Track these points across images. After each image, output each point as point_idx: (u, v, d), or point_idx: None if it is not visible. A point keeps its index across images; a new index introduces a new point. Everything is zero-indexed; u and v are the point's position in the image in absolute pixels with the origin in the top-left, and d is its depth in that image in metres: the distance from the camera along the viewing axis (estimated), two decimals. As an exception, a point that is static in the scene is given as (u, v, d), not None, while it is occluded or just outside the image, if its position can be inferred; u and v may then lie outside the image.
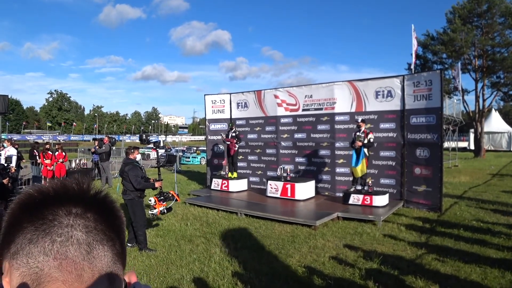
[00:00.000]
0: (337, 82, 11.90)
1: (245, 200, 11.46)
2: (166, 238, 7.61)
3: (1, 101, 13.19)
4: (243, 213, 9.59)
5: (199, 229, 8.36)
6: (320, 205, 10.39)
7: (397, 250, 6.60)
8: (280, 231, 8.04)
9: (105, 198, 0.65)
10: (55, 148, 15.37)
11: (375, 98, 11.05)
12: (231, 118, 14.46)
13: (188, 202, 11.15)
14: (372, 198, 9.61)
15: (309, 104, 12.47)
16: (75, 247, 0.57)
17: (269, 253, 6.56)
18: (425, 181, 10.02)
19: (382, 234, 7.62)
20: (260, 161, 13.90)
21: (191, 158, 29.60)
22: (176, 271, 5.78)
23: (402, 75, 10.84)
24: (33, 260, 0.55)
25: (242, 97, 14.38)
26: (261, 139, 13.84)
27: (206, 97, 15.07)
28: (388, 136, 10.84)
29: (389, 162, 10.79)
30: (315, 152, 12.35)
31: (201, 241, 7.35)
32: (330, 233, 7.84)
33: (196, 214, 9.84)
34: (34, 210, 0.59)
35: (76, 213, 0.59)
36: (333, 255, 6.37)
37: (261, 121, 13.84)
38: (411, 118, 10.37)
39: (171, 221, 9.02)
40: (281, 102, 13.14)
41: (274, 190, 11.33)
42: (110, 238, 0.61)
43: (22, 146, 24.02)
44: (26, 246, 0.56)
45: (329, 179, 11.97)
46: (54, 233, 0.57)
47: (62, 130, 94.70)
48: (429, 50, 30.43)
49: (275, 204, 10.50)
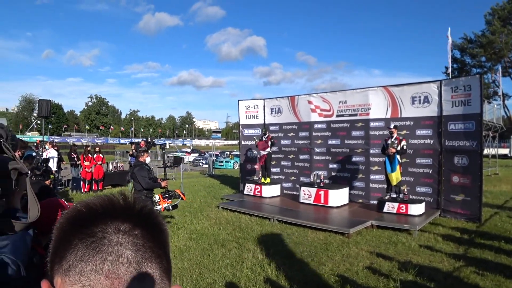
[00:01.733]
0: (372, 88, 11.75)
1: (277, 205, 11.46)
2: (199, 242, 7.71)
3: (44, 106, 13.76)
4: (276, 219, 9.59)
5: (231, 233, 8.42)
6: (354, 212, 10.26)
7: (433, 261, 6.43)
8: (312, 238, 8.00)
9: (150, 213, 0.66)
10: (95, 151, 15.85)
11: (411, 104, 10.83)
12: (265, 124, 14.51)
13: (221, 206, 11.26)
14: (408, 206, 9.40)
15: (343, 110, 12.36)
16: (125, 266, 0.58)
17: (301, 260, 6.54)
18: (464, 190, 9.70)
19: (417, 244, 7.43)
20: (293, 166, 13.88)
21: (224, 163, 29.89)
22: (209, 275, 5.85)
23: (439, 80, 10.56)
24: (85, 278, 0.57)
25: (276, 103, 14.41)
26: (294, 145, 13.82)
27: (240, 102, 15.20)
28: (424, 143, 10.59)
29: (426, 169, 10.53)
30: (349, 158, 12.22)
31: (233, 246, 7.40)
32: (364, 241, 7.73)
33: (229, 218, 9.92)
34: (83, 227, 0.60)
35: (124, 230, 0.60)
36: (367, 264, 6.28)
37: (294, 127, 13.83)
38: (449, 124, 10.09)
39: (204, 225, 9.14)
40: (315, 108, 13.09)
41: (307, 196, 11.28)
42: (158, 255, 0.62)
43: (62, 148, 24.93)
44: (78, 264, 0.57)
45: (363, 186, 11.81)
46: (105, 252, 0.58)
47: (100, 133, 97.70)
48: (467, 54, 29.55)
49: (308, 211, 10.46)
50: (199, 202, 12.34)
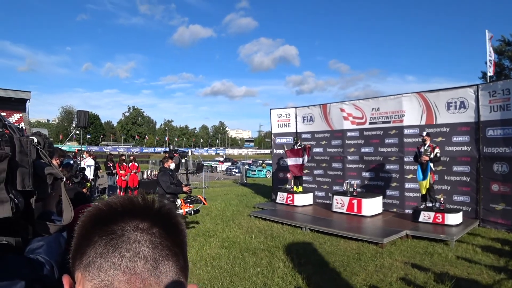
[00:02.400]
0: (406, 94, 11.52)
1: (310, 214, 11.37)
2: (230, 250, 7.74)
3: (82, 116, 14.32)
4: (308, 228, 9.51)
5: (263, 242, 8.41)
6: (388, 222, 10.03)
7: (471, 273, 6.19)
8: (345, 248, 7.88)
9: (169, 213, 0.68)
10: (130, 160, 16.27)
11: (446, 110, 10.54)
12: (297, 132, 14.48)
13: (253, 215, 11.28)
14: (444, 216, 9.10)
15: (376, 117, 12.18)
16: (143, 263, 0.60)
17: (333, 270, 6.45)
18: (504, 198, 9.32)
19: (455, 255, 7.18)
20: (325, 175, 13.76)
21: (256, 171, 29.94)
22: (240, 283, 5.86)
23: (476, 85, 10.24)
24: (104, 274, 0.59)
25: (308, 111, 14.36)
26: (327, 153, 13.71)
27: (272, 111, 15.24)
28: (461, 150, 10.26)
29: (463, 177, 10.18)
30: (382, 166, 12.00)
31: (265, 255, 7.39)
32: (398, 252, 7.54)
33: (261, 227, 9.92)
34: (103, 225, 0.62)
35: (142, 228, 0.62)
36: (401, 275, 6.12)
37: (327, 135, 13.73)
38: (487, 130, 9.74)
39: (236, 233, 9.18)
40: (347, 116, 12.96)
41: (340, 205, 11.14)
42: (175, 253, 0.64)
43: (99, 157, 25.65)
44: (98, 260, 0.60)
45: (398, 195, 11.55)
46: (123, 249, 0.60)
47: (136, 143, 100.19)
48: (505, 57, 28.47)
49: (340, 220, 10.33)
50: (232, 211, 12.41)
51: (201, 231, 9.40)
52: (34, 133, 1.54)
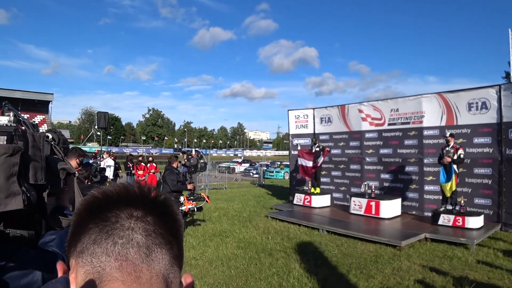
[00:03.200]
0: (425, 95, 11.34)
1: (327, 216, 11.29)
2: (247, 250, 7.75)
3: (102, 117, 14.52)
4: (325, 230, 9.46)
5: (279, 243, 8.39)
6: (406, 224, 9.88)
7: (492, 278, 6.05)
8: (362, 250, 7.80)
9: (164, 202, 0.68)
10: (148, 160, 16.45)
11: (467, 111, 10.33)
12: (315, 133, 14.41)
13: (270, 216, 11.27)
14: (465, 219, 8.92)
15: (395, 118, 12.02)
16: (135, 249, 0.60)
17: (349, 272, 6.38)
18: (528, 202, 9.09)
19: (475, 260, 7.03)
20: (343, 177, 13.65)
21: (274, 173, 29.91)
22: (255, 283, 5.86)
23: (498, 85, 10.00)
24: (96, 260, 0.59)
25: (326, 112, 14.28)
26: (345, 155, 13.60)
27: (290, 112, 15.22)
28: (483, 152, 10.04)
29: (485, 180, 9.96)
30: (401, 168, 11.83)
31: (281, 256, 7.37)
32: (417, 255, 7.42)
33: (278, 228, 9.90)
34: (98, 212, 0.63)
35: (137, 216, 0.63)
36: (419, 279, 6.02)
37: (345, 136, 13.62)
38: (510, 132, 9.51)
39: (253, 234, 9.18)
40: (366, 117, 12.84)
41: (357, 207, 11.03)
42: (168, 242, 0.64)
43: (120, 158, 25.98)
44: (91, 246, 0.61)
45: (417, 197, 11.37)
46: (116, 235, 0.60)
47: (155, 144, 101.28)
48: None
49: (358, 222, 10.23)
50: (249, 212, 12.43)
51: (218, 232, 9.43)
52: (48, 129, 1.57)
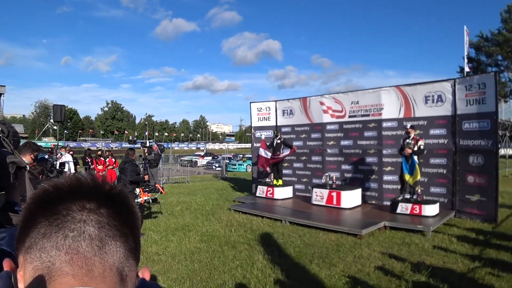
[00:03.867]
0: (384, 88, 11.62)
1: (289, 207, 11.40)
2: (210, 244, 7.69)
3: (58, 111, 13.98)
4: (288, 221, 9.53)
5: (243, 235, 8.38)
6: (367, 213, 10.13)
7: (447, 262, 6.30)
8: (324, 240, 7.92)
9: (119, 194, 0.65)
10: (107, 155, 16.02)
11: (424, 103, 10.67)
12: (277, 126, 14.47)
13: (233, 208, 11.24)
14: (422, 207, 9.25)
15: (356, 111, 12.25)
16: (87, 242, 0.57)
17: (312, 262, 6.46)
18: (479, 190, 9.52)
19: (431, 245, 7.29)
20: (305, 168, 13.80)
21: (237, 166, 29.92)
22: (219, 276, 5.82)
23: (453, 79, 10.39)
24: (45, 255, 0.57)
25: (288, 104, 14.36)
26: (306, 146, 13.74)
27: (252, 104, 15.19)
28: (438, 143, 10.42)
29: (440, 169, 10.36)
30: (361, 159, 12.10)
31: (244, 248, 7.36)
32: (376, 242, 7.62)
33: (241, 220, 9.89)
34: (48, 205, 0.60)
35: (89, 208, 0.60)
36: (378, 265, 6.17)
37: (306, 128, 13.75)
38: (463, 123, 9.91)
39: (216, 227, 9.13)
40: (327, 109, 13.01)
41: (319, 198, 11.19)
42: (123, 234, 0.62)
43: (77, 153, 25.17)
44: (40, 241, 0.58)
45: (376, 187, 11.68)
46: (67, 228, 0.58)
47: (115, 138, 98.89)
48: (483, 52, 29.09)
49: (320, 212, 10.37)
50: (211, 205, 12.34)
51: (180, 226, 9.31)
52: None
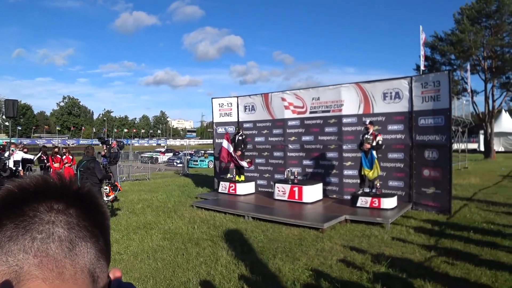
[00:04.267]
0: (344, 84, 11.83)
1: (252, 203, 11.43)
2: (173, 241, 7.59)
3: (10, 106, 13.33)
4: (251, 216, 9.55)
5: (206, 232, 8.33)
6: (328, 208, 10.31)
7: (405, 252, 6.53)
8: (287, 234, 7.99)
9: (88, 194, 0.64)
10: (63, 152, 15.46)
11: (382, 100, 10.97)
12: (238, 122, 14.45)
13: (195, 205, 11.13)
14: (380, 200, 9.53)
15: (317, 107, 12.42)
16: (57, 244, 0.55)
17: (276, 256, 6.51)
18: (434, 183, 9.91)
19: (390, 237, 7.53)
20: (267, 164, 13.87)
21: (199, 162, 29.70)
22: (183, 274, 5.76)
23: (410, 76, 10.73)
24: (12, 258, 0.54)
25: (250, 100, 14.36)
26: (268, 142, 13.81)
27: (214, 100, 15.09)
28: (396, 138, 10.74)
29: (398, 164, 10.69)
30: (322, 154, 12.29)
31: (208, 244, 7.32)
32: (338, 236, 7.77)
33: (203, 217, 9.82)
34: (14, 207, 0.57)
35: (57, 209, 0.58)
36: (340, 258, 6.31)
37: (268, 124, 13.81)
38: (419, 119, 10.27)
39: (178, 224, 9.02)
40: (288, 105, 13.11)
41: (281, 193, 11.29)
42: (94, 235, 0.60)
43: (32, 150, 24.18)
44: (6, 244, 0.55)
45: (337, 182, 11.90)
46: (35, 230, 0.55)
47: (72, 134, 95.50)
48: (437, 51, 30.27)
49: (282, 207, 10.46)
50: (173, 202, 12.18)
51: (142, 224, 9.13)
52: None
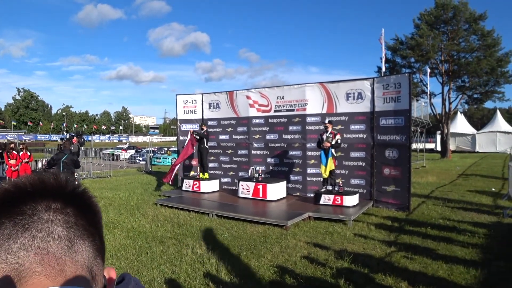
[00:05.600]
0: (309, 84, 11.98)
1: (216, 201, 11.40)
2: (136, 240, 7.46)
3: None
4: (215, 214, 9.52)
5: (170, 230, 8.24)
6: (292, 205, 10.43)
7: (367, 248, 6.70)
8: (252, 232, 8.03)
9: (83, 193, 0.65)
10: (20, 148, 14.85)
11: (346, 100, 11.18)
12: (203, 119, 14.36)
13: (159, 203, 10.98)
14: (343, 198, 9.72)
15: (281, 105, 12.52)
16: (57, 242, 0.56)
17: (240, 254, 6.52)
18: (394, 181, 10.22)
19: (352, 234, 7.71)
20: (231, 161, 13.86)
21: (162, 159, 29.22)
22: (147, 273, 5.67)
23: (372, 78, 11.00)
24: (12, 256, 0.55)
25: (214, 98, 14.30)
26: (232, 140, 13.79)
27: (178, 97, 14.91)
28: (358, 137, 10.99)
29: (359, 162, 10.94)
30: (286, 153, 12.41)
31: (172, 243, 7.24)
32: (302, 233, 7.88)
33: (167, 215, 9.71)
34: (11, 206, 0.58)
35: (55, 208, 0.59)
36: (304, 254, 6.40)
37: (233, 122, 13.79)
38: (381, 119, 10.55)
39: (142, 223, 8.87)
40: (253, 103, 13.15)
41: (245, 191, 11.32)
42: (90, 233, 0.62)
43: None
44: (5, 242, 0.56)
45: (301, 180, 12.05)
46: (34, 229, 0.56)
47: (28, 130, 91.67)
48: (398, 54, 31.21)
49: (246, 205, 10.48)
50: (136, 200, 11.96)
51: (104, 222, 8.67)
52: None
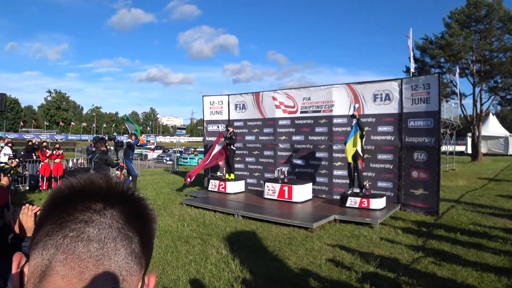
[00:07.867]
0: (336, 85, 11.88)
1: (242, 201, 11.44)
2: (162, 239, 7.56)
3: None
4: (240, 215, 9.56)
5: (195, 230, 8.32)
6: (317, 207, 10.37)
7: (393, 253, 6.60)
8: (277, 233, 8.02)
9: (131, 196, 0.66)
10: (52, 147, 15.29)
11: (373, 101, 11.03)
12: (229, 120, 14.44)
13: (185, 203, 11.11)
14: (370, 201, 9.59)
15: (307, 107, 12.46)
16: (84, 243, 0.58)
17: (265, 255, 6.54)
18: (423, 184, 10.01)
19: (379, 237, 7.61)
20: (257, 162, 13.88)
21: (188, 159, 29.52)
22: (172, 272, 5.75)
23: (400, 79, 10.82)
24: (46, 252, 0.58)
25: (240, 99, 14.36)
26: (258, 141, 13.81)
27: (205, 98, 15.05)
28: (386, 139, 10.82)
29: (387, 165, 10.77)
30: (312, 154, 12.34)
31: (197, 242, 7.32)
32: (327, 235, 7.83)
33: (193, 215, 9.81)
34: (59, 205, 0.62)
35: (94, 209, 0.61)
36: (329, 257, 6.35)
37: (259, 123, 13.81)
38: (409, 121, 10.36)
39: (168, 222, 8.99)
40: (279, 104, 13.13)
41: (271, 192, 11.31)
42: (126, 237, 0.61)
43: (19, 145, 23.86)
44: (44, 238, 0.59)
45: (327, 182, 11.96)
46: (68, 228, 0.58)
47: (60, 130, 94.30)
48: (427, 54, 30.51)
49: (272, 206, 10.49)
50: (163, 199, 12.15)
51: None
52: None
